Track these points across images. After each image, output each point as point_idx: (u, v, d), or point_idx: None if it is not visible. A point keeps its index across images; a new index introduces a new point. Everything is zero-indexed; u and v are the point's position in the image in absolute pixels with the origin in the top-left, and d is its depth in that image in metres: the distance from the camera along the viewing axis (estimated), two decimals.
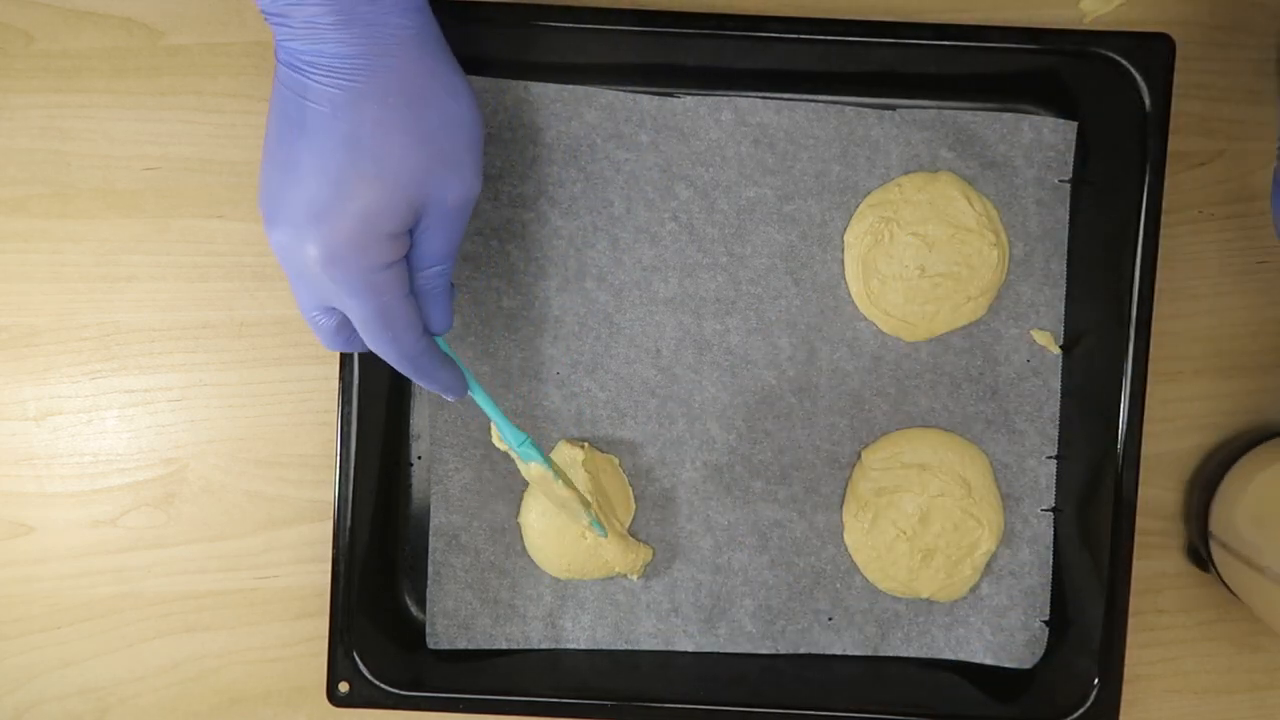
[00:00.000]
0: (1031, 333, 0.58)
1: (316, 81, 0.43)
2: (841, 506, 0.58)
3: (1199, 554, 0.58)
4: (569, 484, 0.54)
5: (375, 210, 0.43)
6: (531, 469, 0.53)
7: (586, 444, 0.57)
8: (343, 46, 0.42)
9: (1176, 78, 0.54)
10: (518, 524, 0.58)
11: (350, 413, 0.55)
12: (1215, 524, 0.56)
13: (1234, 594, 0.56)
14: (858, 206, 0.58)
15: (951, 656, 0.58)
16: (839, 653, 0.58)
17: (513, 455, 0.53)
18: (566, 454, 0.56)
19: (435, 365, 0.49)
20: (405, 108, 0.44)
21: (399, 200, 0.44)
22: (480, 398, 0.52)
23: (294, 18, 0.42)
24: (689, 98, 0.57)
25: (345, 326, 0.47)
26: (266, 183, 0.44)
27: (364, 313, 0.45)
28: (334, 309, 0.46)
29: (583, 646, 0.58)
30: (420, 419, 0.59)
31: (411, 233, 0.46)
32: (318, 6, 0.41)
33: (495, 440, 0.54)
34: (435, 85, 0.45)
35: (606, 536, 0.56)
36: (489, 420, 0.56)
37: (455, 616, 0.58)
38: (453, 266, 0.48)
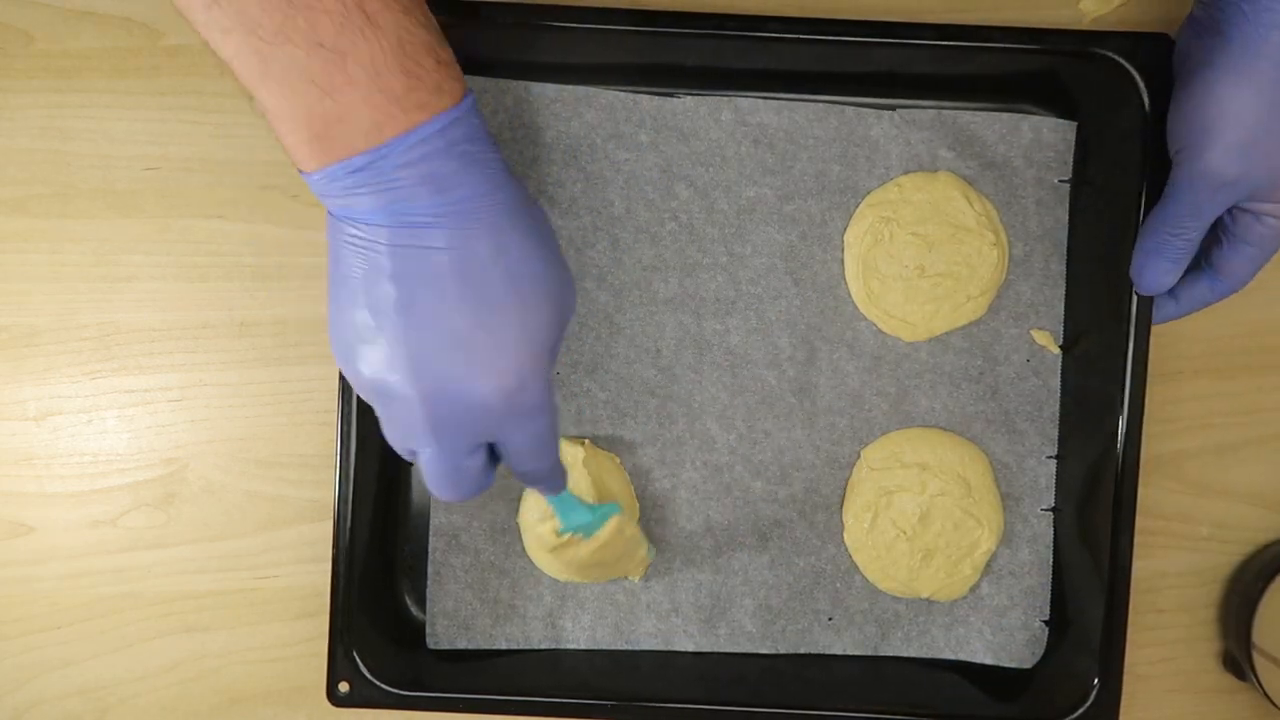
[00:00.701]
0: (1031, 332, 0.58)
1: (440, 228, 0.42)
2: (841, 506, 0.58)
3: (1237, 663, 0.58)
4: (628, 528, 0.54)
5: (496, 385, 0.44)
6: (607, 527, 0.53)
7: (586, 441, 0.57)
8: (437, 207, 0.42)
9: None
10: (517, 524, 0.58)
11: (350, 413, 0.55)
12: (1260, 636, 0.56)
13: (1275, 704, 0.57)
14: (857, 206, 0.58)
15: (951, 656, 0.58)
16: (839, 653, 0.58)
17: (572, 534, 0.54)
18: (568, 453, 0.56)
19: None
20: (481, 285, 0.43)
21: (510, 381, 0.44)
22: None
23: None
24: (689, 98, 0.57)
25: (491, 460, 0.47)
26: (409, 343, 0.43)
27: (544, 425, 0.46)
28: (483, 446, 0.46)
29: (583, 646, 0.58)
30: None
31: None
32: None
33: (544, 533, 0.54)
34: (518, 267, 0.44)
35: (653, 555, 0.57)
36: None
37: (455, 616, 0.58)
38: (541, 478, 0.49)
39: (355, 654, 0.55)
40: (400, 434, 0.45)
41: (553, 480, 0.50)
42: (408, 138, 0.41)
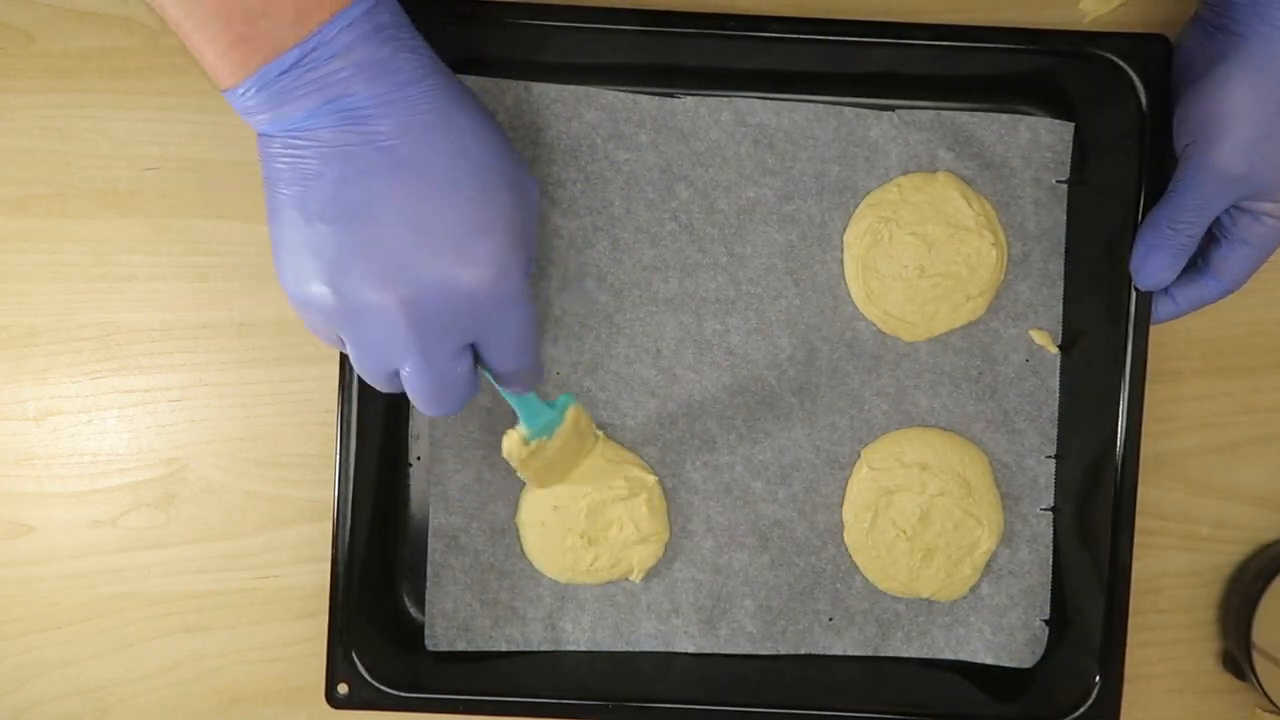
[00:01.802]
0: (1030, 332, 0.58)
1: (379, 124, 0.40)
2: (841, 506, 0.58)
3: (1237, 663, 0.58)
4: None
5: (475, 282, 0.42)
6: (568, 416, 0.53)
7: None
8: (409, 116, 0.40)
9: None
10: (516, 525, 0.58)
11: (350, 413, 0.55)
12: (1260, 636, 0.56)
13: (1275, 704, 0.57)
14: (857, 207, 0.58)
15: (952, 656, 0.58)
16: (839, 653, 0.58)
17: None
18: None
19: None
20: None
21: (489, 273, 0.42)
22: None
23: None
24: (689, 98, 0.57)
25: (475, 364, 0.45)
26: (379, 246, 0.41)
27: (527, 314, 0.44)
28: (468, 347, 0.44)
29: (583, 648, 0.58)
30: (420, 419, 0.59)
31: None
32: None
33: (511, 445, 0.53)
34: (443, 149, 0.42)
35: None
36: (493, 422, 0.56)
37: (454, 618, 0.58)
38: (525, 374, 0.47)
39: (354, 655, 0.55)
40: (377, 354, 0.43)
41: (534, 375, 0.48)
42: (335, 22, 0.39)
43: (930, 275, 0.57)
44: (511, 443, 0.52)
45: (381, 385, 0.45)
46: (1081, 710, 0.55)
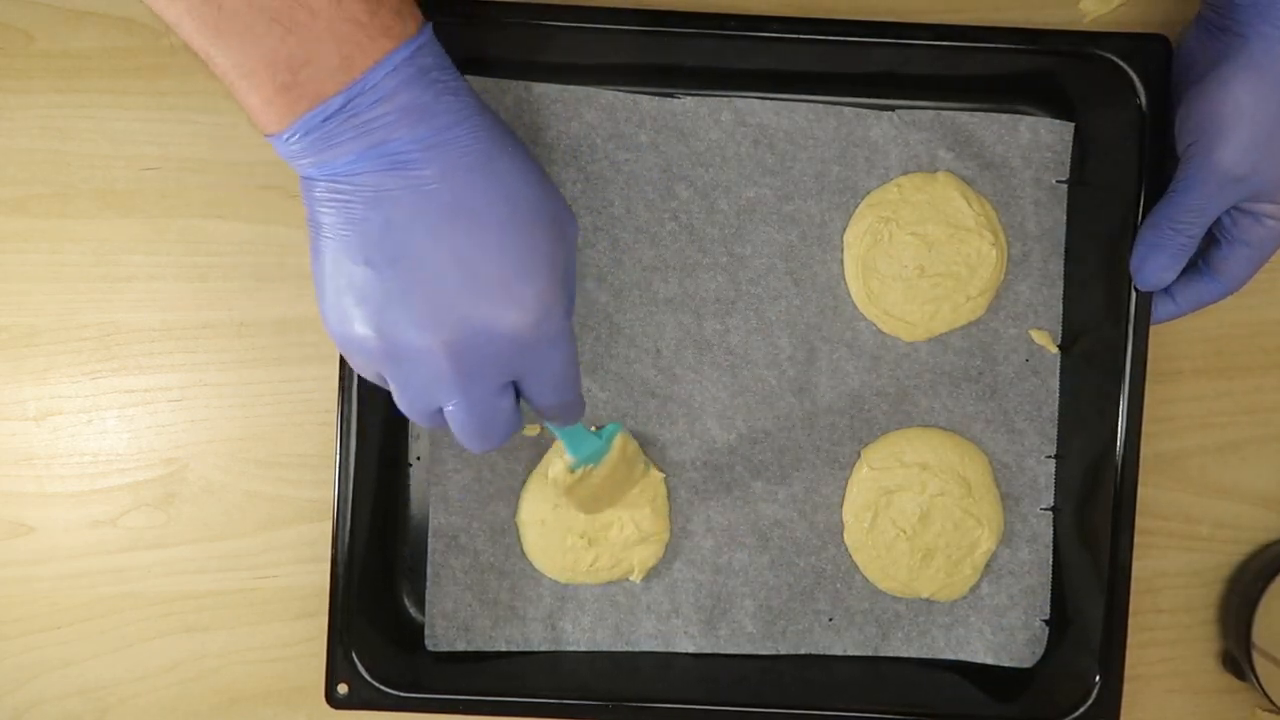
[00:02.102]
0: (1030, 332, 0.58)
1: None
2: (841, 506, 0.58)
3: (1237, 663, 0.58)
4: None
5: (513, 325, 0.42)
6: (615, 444, 0.53)
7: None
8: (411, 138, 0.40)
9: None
10: (516, 524, 0.58)
11: (350, 413, 0.55)
12: (1260, 636, 0.56)
13: (1275, 704, 0.57)
14: (857, 207, 0.58)
15: (952, 656, 0.58)
16: (839, 653, 0.58)
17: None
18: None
19: None
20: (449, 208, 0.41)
21: (527, 318, 0.42)
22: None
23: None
24: (689, 98, 0.57)
25: (517, 401, 0.45)
26: (423, 290, 0.41)
27: (569, 353, 0.44)
28: (511, 384, 0.44)
29: (583, 648, 0.58)
30: None
31: None
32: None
33: (557, 474, 0.53)
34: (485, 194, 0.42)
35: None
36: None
37: (454, 618, 0.58)
38: (566, 409, 0.47)
39: (354, 655, 0.55)
40: (420, 393, 0.43)
41: (576, 410, 0.48)
42: (380, 68, 0.39)
43: (930, 275, 0.57)
44: (557, 472, 0.52)
45: (424, 422, 0.45)
46: (1081, 710, 0.55)
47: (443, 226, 0.40)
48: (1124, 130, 0.55)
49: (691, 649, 0.58)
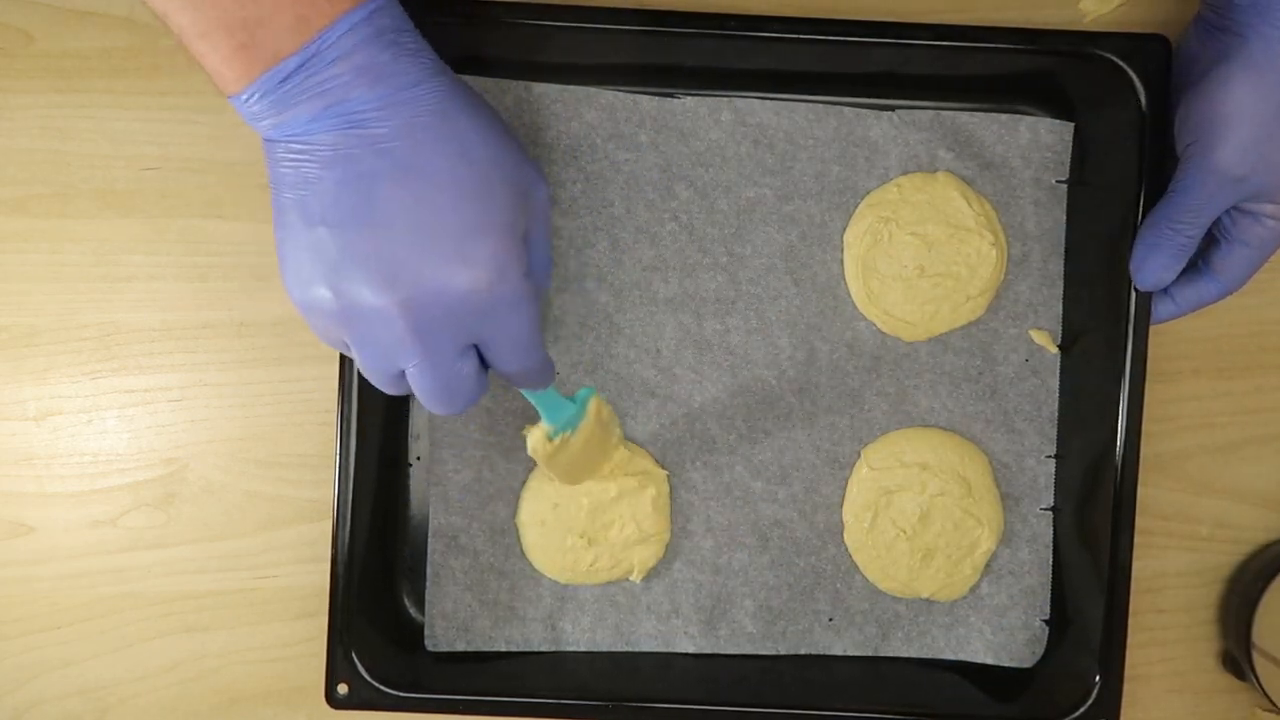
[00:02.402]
0: (1030, 332, 0.58)
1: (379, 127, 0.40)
2: (841, 506, 0.58)
3: (1237, 663, 0.58)
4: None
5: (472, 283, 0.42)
6: (590, 408, 0.53)
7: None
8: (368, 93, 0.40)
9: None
10: (516, 525, 0.58)
11: (350, 413, 0.55)
12: (1260, 636, 0.56)
13: (1275, 704, 0.57)
14: (857, 207, 0.58)
15: (952, 656, 0.58)
16: (839, 653, 0.58)
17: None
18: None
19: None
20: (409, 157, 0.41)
21: (486, 274, 0.42)
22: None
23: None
24: (689, 98, 0.57)
25: (482, 365, 0.45)
26: (377, 249, 0.41)
27: (530, 316, 0.44)
28: (473, 348, 0.44)
29: (583, 649, 0.58)
30: (420, 419, 0.59)
31: None
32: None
33: (535, 441, 0.52)
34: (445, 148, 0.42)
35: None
36: (493, 422, 0.56)
37: (454, 618, 0.58)
38: (531, 375, 0.47)
39: (354, 655, 0.55)
40: (381, 355, 0.43)
41: (543, 376, 0.48)
42: (336, 27, 0.39)
43: (930, 275, 0.57)
44: (535, 439, 0.52)
45: (387, 387, 0.45)
46: (1081, 710, 0.55)
47: (397, 185, 0.40)
48: (1124, 130, 0.55)
49: (691, 649, 0.58)
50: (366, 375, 0.45)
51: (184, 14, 0.38)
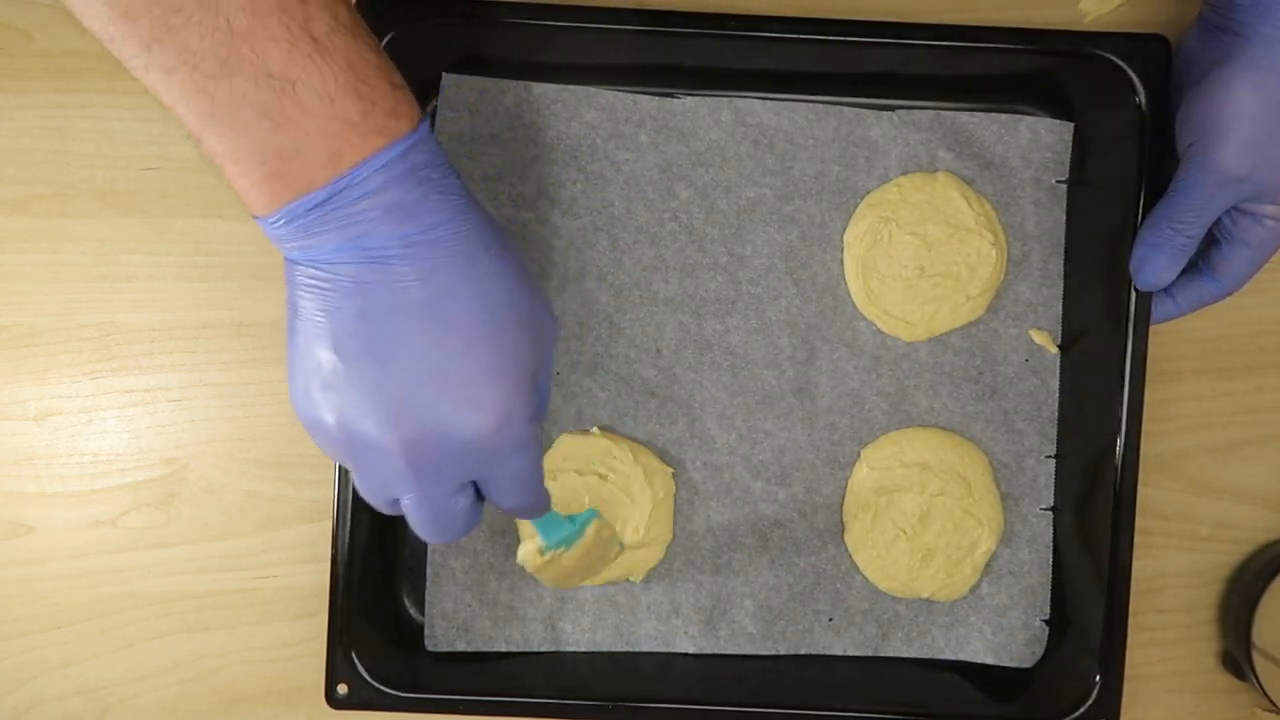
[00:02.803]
0: (1030, 332, 0.58)
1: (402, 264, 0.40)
2: (841, 506, 0.58)
3: (1237, 663, 0.58)
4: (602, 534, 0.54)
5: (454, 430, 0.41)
6: (588, 532, 0.52)
7: (595, 430, 0.57)
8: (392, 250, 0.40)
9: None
10: (515, 525, 0.58)
11: None
12: (1260, 636, 0.56)
13: (1275, 704, 0.57)
14: (857, 207, 0.58)
15: (952, 656, 0.58)
16: (839, 653, 0.58)
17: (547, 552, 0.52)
18: (587, 445, 0.56)
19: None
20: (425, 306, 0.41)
21: (485, 424, 0.42)
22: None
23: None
24: (689, 98, 0.57)
25: (477, 498, 0.45)
26: (386, 386, 0.41)
27: (530, 458, 0.44)
28: (470, 484, 0.44)
29: (582, 649, 0.58)
30: None
31: None
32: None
33: (525, 555, 0.52)
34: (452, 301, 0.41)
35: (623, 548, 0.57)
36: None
37: (454, 618, 0.58)
38: (528, 509, 0.47)
39: (354, 655, 0.55)
40: (378, 484, 0.43)
41: (538, 508, 0.48)
42: (368, 164, 0.39)
43: (930, 275, 0.57)
44: (526, 553, 0.52)
45: (383, 509, 0.45)
46: (1081, 710, 0.55)
47: (413, 324, 0.40)
48: (1124, 130, 0.55)
49: (691, 649, 0.58)
50: (362, 494, 0.45)
51: (219, 140, 0.38)
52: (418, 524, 0.44)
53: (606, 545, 0.55)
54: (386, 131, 0.39)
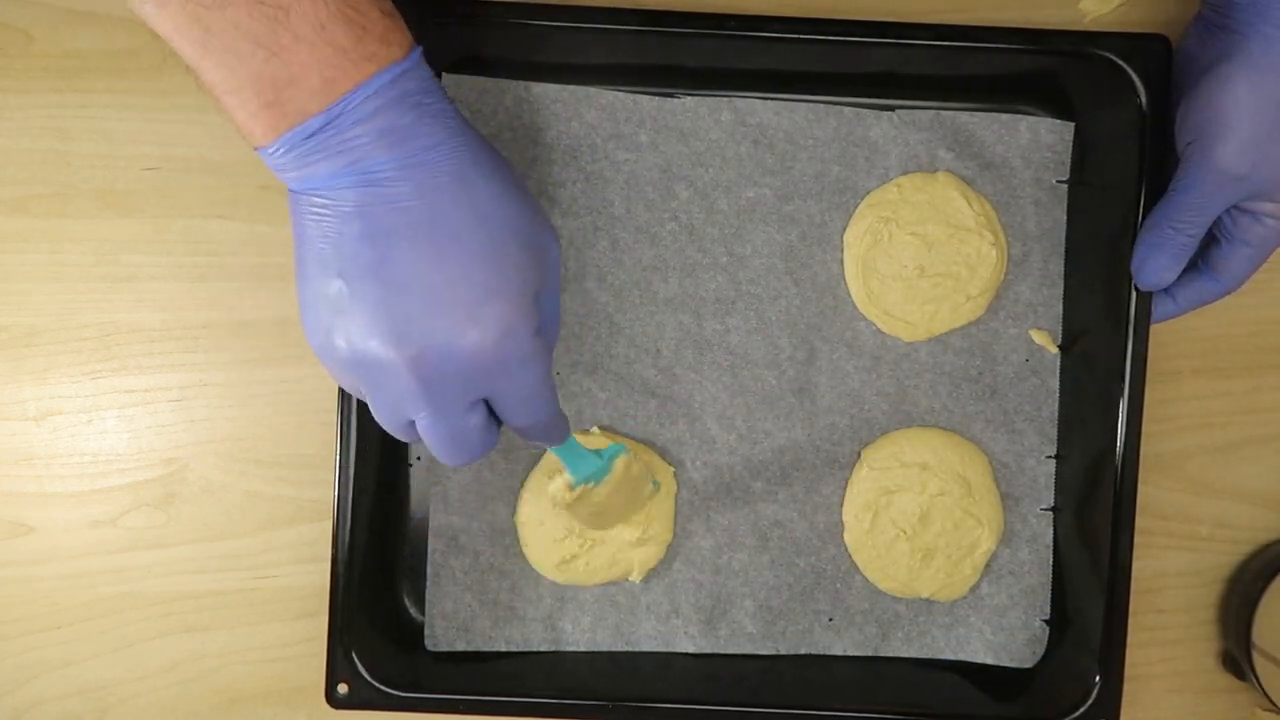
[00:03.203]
0: (1030, 332, 0.58)
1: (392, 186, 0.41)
2: (841, 506, 0.58)
3: (1237, 663, 0.58)
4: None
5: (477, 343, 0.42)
6: (617, 467, 0.53)
7: (596, 429, 0.57)
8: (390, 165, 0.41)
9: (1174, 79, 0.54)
10: (515, 524, 0.58)
11: (350, 413, 0.55)
12: (1260, 636, 0.56)
13: (1275, 704, 0.57)
14: (857, 207, 0.58)
15: (952, 656, 0.58)
16: (839, 653, 0.58)
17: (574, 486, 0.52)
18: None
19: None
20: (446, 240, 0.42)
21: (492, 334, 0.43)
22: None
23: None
24: (689, 98, 0.57)
25: (491, 418, 0.46)
26: (389, 305, 0.42)
27: (539, 374, 0.45)
28: (482, 402, 0.45)
29: (582, 649, 0.58)
30: None
31: None
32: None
33: (555, 489, 0.52)
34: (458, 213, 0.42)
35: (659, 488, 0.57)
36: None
37: (454, 618, 0.58)
38: (543, 430, 0.47)
39: (354, 655, 0.55)
40: (391, 407, 0.44)
41: (554, 431, 0.48)
42: (361, 91, 0.40)
43: (930, 275, 0.57)
44: (556, 487, 0.52)
45: (399, 434, 0.46)
46: (1081, 710, 0.55)
47: (411, 244, 0.41)
48: (1124, 130, 0.55)
49: (691, 649, 0.58)
50: (379, 422, 0.46)
51: (215, 71, 0.39)
52: (435, 444, 0.45)
53: (638, 483, 0.55)
54: (378, 58, 0.40)
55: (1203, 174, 0.50)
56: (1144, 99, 0.54)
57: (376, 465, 0.57)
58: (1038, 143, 0.58)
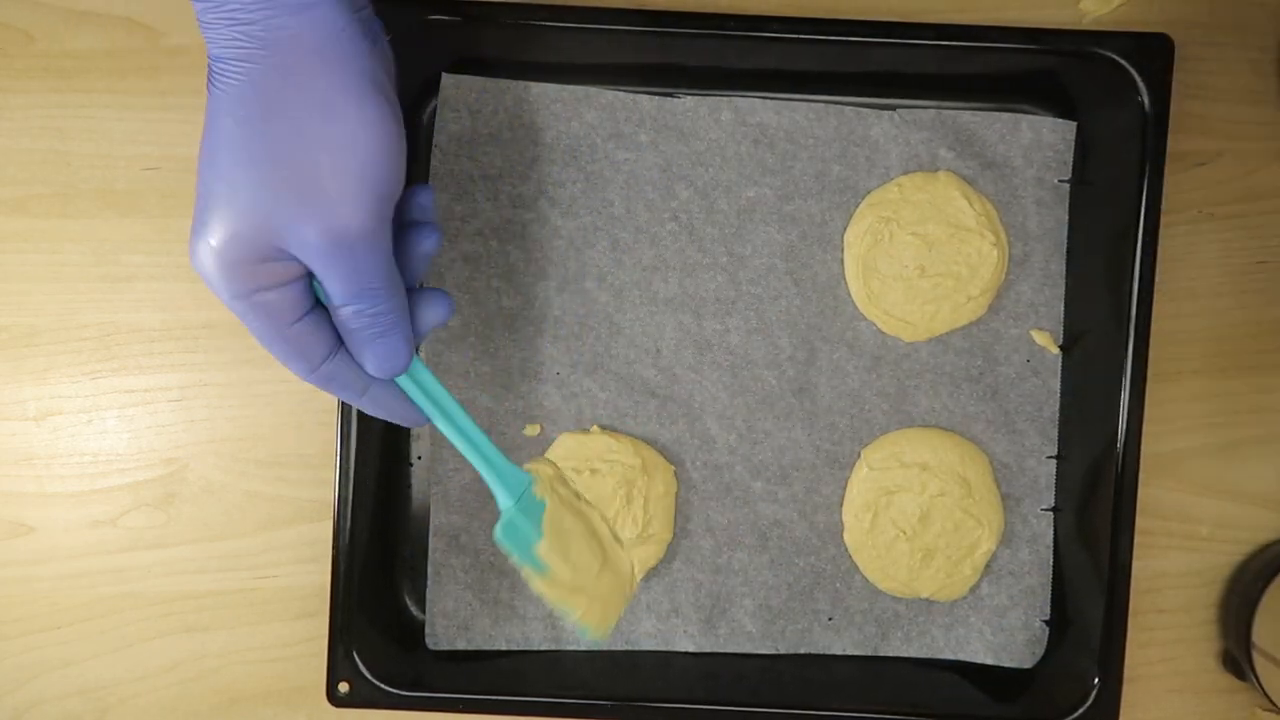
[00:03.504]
0: (1031, 333, 0.58)
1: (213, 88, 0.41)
2: (841, 506, 0.58)
3: (1237, 663, 0.58)
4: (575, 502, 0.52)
5: (227, 235, 0.41)
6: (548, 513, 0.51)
7: (595, 428, 0.57)
8: (213, 47, 0.40)
9: (1176, 78, 0.54)
10: None
11: (350, 413, 0.55)
12: (1260, 636, 0.56)
13: (1275, 704, 0.57)
14: (857, 206, 0.58)
15: (952, 656, 0.58)
16: (839, 653, 0.58)
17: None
18: (587, 443, 0.56)
19: (352, 394, 0.46)
20: (253, 122, 0.41)
21: (245, 227, 0.41)
22: (464, 446, 0.49)
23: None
24: (689, 98, 0.57)
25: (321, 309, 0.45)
26: None
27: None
28: (302, 280, 0.44)
29: (582, 648, 0.58)
30: None
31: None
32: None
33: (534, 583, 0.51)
34: (302, 99, 0.40)
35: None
36: (493, 422, 0.56)
37: (455, 617, 0.58)
38: (380, 306, 0.44)
39: (355, 654, 0.55)
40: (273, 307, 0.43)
41: (391, 348, 0.45)
42: None
43: (931, 275, 0.57)
44: (531, 581, 0.50)
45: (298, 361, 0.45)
46: (1081, 710, 0.55)
47: (246, 126, 0.41)
48: (1126, 129, 0.55)
49: (691, 648, 0.58)
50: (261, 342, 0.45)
51: None
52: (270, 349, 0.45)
53: (566, 501, 0.52)
54: None
55: None
56: (1146, 98, 0.54)
57: (376, 465, 0.57)
58: (1039, 142, 0.58)
